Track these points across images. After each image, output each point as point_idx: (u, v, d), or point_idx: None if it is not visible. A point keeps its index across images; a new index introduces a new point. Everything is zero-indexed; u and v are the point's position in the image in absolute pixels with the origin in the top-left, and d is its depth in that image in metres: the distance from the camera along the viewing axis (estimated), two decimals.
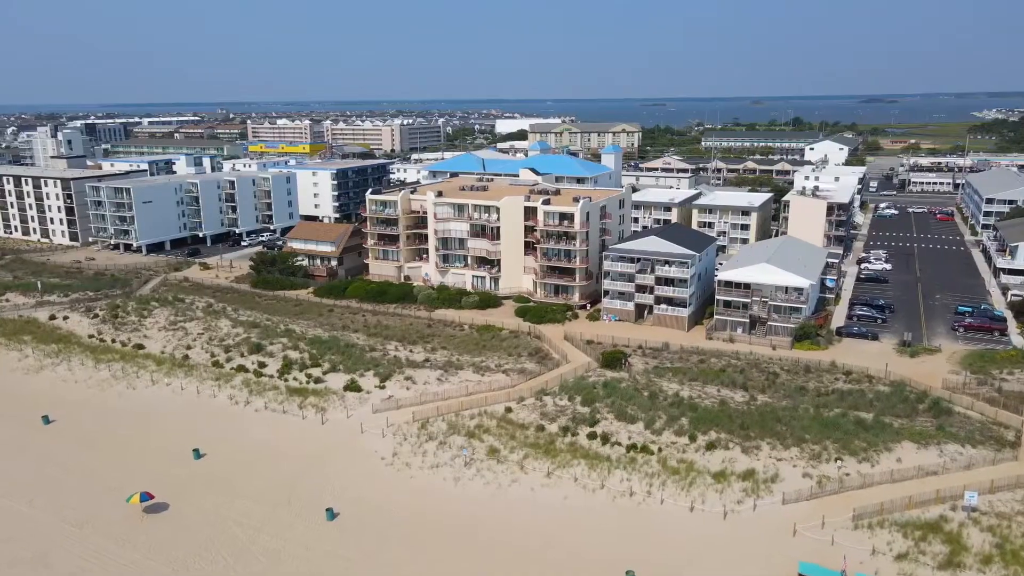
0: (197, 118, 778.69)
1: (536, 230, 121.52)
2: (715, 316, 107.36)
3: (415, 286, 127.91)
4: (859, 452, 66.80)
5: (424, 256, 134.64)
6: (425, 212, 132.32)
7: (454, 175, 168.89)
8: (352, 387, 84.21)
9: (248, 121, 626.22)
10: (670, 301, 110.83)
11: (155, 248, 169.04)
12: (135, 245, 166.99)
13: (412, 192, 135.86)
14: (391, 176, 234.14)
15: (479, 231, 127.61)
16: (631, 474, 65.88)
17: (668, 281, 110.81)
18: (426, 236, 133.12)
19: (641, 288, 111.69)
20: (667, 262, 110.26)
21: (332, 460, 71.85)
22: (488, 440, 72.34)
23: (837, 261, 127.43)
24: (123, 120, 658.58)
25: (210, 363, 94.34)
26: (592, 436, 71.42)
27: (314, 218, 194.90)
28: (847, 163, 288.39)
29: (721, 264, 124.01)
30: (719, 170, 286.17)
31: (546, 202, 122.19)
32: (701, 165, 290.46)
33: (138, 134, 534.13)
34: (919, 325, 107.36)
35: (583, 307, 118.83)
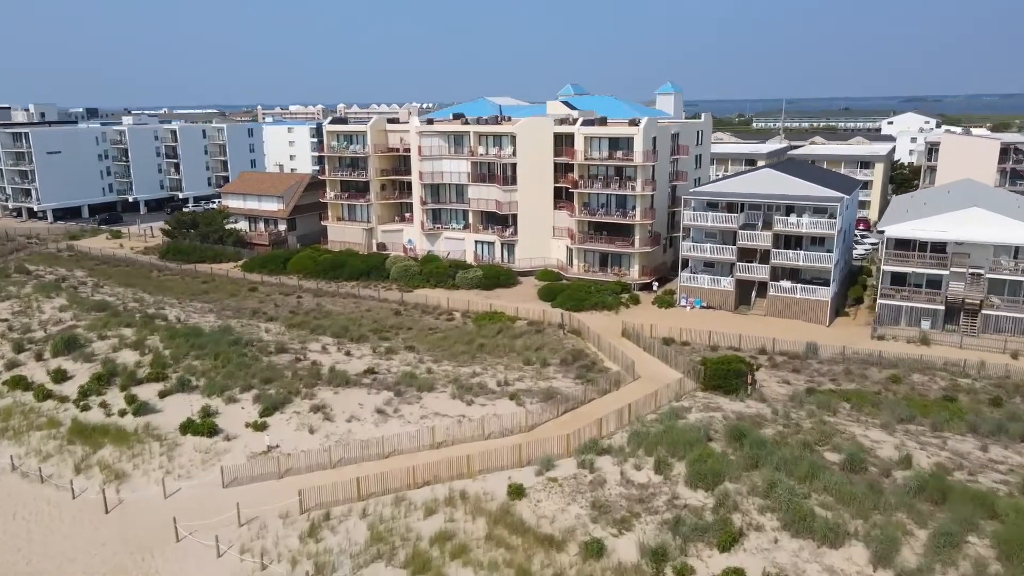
0: (215, 112, 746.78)
1: (573, 170, 77.99)
2: (879, 300, 62.75)
3: (391, 257, 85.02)
4: None
5: (407, 215, 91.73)
6: (408, 150, 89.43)
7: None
8: (199, 425, 40.93)
9: (259, 107, 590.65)
10: (797, 275, 66.58)
11: (69, 215, 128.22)
12: (37, 209, 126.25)
13: (390, 121, 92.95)
14: None
15: (485, 173, 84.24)
16: None
17: (795, 242, 66.55)
18: (409, 185, 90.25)
19: (746, 255, 67.58)
20: (791, 208, 66.06)
21: None
22: None
23: None
24: (138, 111, 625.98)
25: None
26: None
27: None
28: None
29: (864, 230, 79.30)
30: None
31: (588, 123, 78.55)
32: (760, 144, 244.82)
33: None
34: None
35: (647, 287, 74.79)
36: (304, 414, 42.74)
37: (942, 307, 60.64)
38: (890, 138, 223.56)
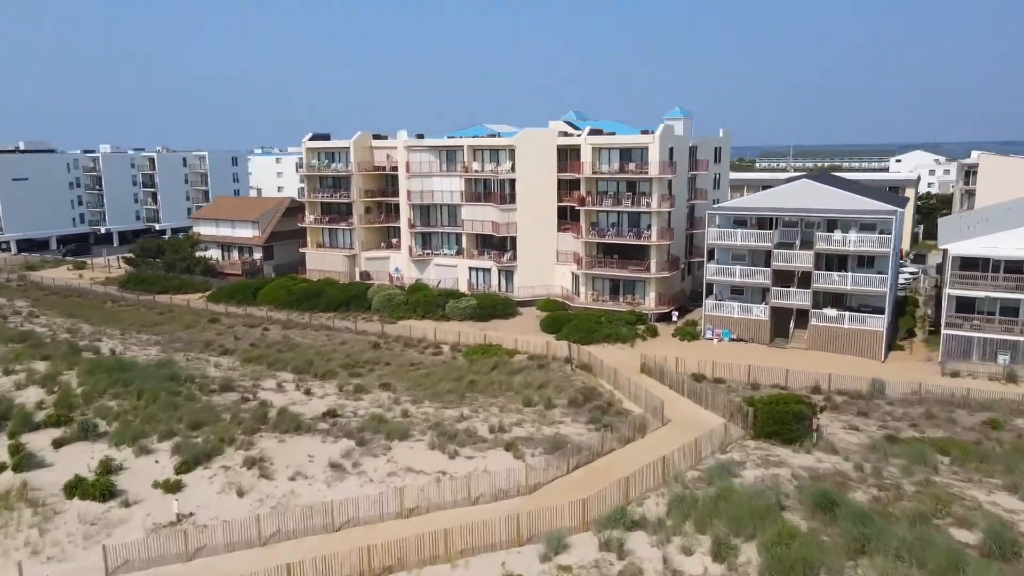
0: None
1: (579, 186, 69.03)
2: (944, 331, 53.00)
3: (374, 286, 75.53)
4: None
5: (394, 241, 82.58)
6: (395, 167, 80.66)
7: None
8: (91, 485, 30.71)
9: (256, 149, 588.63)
10: (841, 302, 57.01)
11: (36, 247, 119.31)
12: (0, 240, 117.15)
13: (376, 137, 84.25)
14: None
15: (480, 192, 75.33)
16: None
17: (839, 262, 57.07)
18: (396, 207, 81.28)
19: (783, 279, 58.03)
20: (834, 224, 56.79)
21: None
22: None
23: None
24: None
25: None
26: None
27: None
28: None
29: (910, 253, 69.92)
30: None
31: (595, 132, 69.91)
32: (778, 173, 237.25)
33: None
34: None
35: (665, 317, 65.09)
36: (235, 469, 32.59)
37: (1023, 338, 50.87)
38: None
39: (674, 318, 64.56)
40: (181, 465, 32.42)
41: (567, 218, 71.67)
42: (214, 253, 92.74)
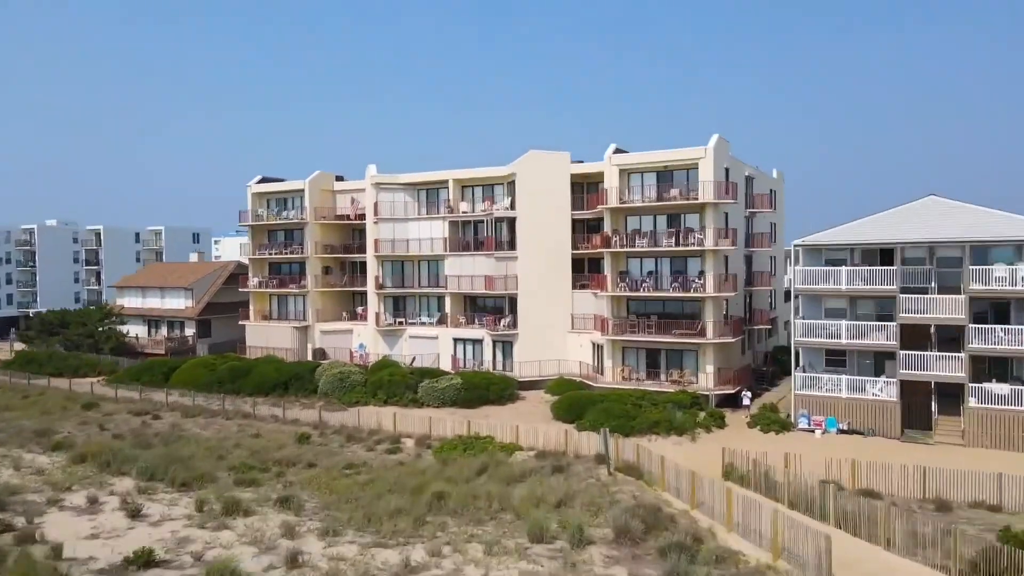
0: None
1: (601, 228, 51.26)
2: None
3: (324, 363, 56.06)
4: None
5: (360, 310, 64.06)
6: (361, 215, 63.26)
7: None
8: None
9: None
10: (1001, 373, 37.81)
11: None
12: None
13: (338, 179, 67.15)
14: None
15: (470, 240, 57.44)
16: None
17: (995, 312, 38.39)
18: (362, 267, 63.31)
19: (914, 340, 39.03)
20: (982, 256, 38.54)
21: None
22: None
23: None
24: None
25: None
26: None
27: None
28: None
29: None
30: None
31: (621, 152, 52.51)
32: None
33: None
34: None
35: (732, 399, 45.45)
36: None
37: None
38: None
39: (745, 400, 44.95)
40: None
41: (584, 271, 53.60)
42: (138, 329, 74.06)
